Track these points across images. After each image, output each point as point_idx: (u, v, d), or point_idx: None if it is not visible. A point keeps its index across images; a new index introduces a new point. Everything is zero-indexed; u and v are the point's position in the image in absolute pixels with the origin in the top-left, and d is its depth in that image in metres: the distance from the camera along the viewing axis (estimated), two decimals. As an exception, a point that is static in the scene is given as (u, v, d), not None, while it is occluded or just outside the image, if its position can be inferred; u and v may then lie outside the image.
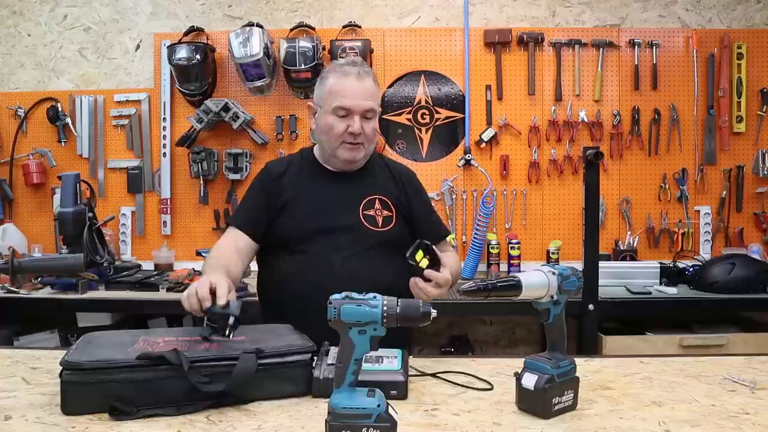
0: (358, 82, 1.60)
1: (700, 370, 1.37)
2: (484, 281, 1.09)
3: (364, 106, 1.60)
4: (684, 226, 3.14)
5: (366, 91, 1.61)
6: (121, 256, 3.19)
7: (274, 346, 1.22)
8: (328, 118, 1.62)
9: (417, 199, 1.75)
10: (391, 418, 0.98)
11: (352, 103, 1.59)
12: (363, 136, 1.61)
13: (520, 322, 3.19)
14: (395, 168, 1.78)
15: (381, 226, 1.64)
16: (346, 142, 1.61)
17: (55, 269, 1.73)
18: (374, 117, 1.64)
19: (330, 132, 1.62)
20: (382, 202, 1.67)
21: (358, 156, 1.65)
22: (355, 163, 1.67)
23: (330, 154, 1.66)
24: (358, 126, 1.59)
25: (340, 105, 1.59)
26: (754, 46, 3.10)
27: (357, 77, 1.60)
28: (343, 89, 1.60)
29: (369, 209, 1.65)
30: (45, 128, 3.19)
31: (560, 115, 3.13)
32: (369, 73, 1.64)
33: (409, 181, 1.76)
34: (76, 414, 1.09)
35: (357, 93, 1.60)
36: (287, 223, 1.64)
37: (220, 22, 3.20)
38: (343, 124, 1.60)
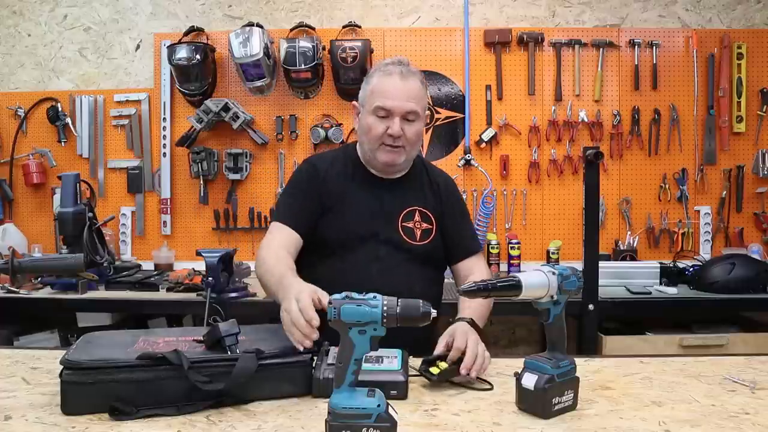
0: (401, 82, 1.54)
1: (700, 370, 1.37)
2: (484, 281, 1.09)
3: (406, 107, 1.53)
4: (684, 226, 3.14)
5: (409, 91, 1.54)
6: (121, 256, 3.19)
7: (274, 346, 1.22)
8: (368, 119, 1.57)
9: (451, 210, 1.69)
10: (391, 418, 0.98)
11: (392, 104, 1.53)
12: (403, 138, 1.55)
13: (520, 322, 3.19)
14: (435, 176, 1.72)
15: (419, 240, 1.61)
16: (386, 144, 1.55)
17: (55, 269, 1.73)
18: (417, 120, 1.56)
19: (369, 133, 1.56)
20: (422, 214, 1.64)
21: (398, 160, 1.58)
22: (395, 166, 1.61)
23: (370, 156, 1.61)
24: (397, 128, 1.53)
25: (381, 105, 1.54)
26: (754, 46, 3.10)
27: (400, 77, 1.55)
28: (385, 89, 1.54)
29: (408, 221, 1.62)
30: (45, 128, 3.19)
31: (560, 115, 3.13)
32: (415, 73, 1.58)
33: (447, 192, 1.71)
34: (76, 414, 1.09)
35: (398, 93, 1.54)
36: (331, 227, 1.59)
37: (220, 22, 3.20)
38: (382, 125, 1.54)
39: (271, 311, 2.46)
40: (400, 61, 1.59)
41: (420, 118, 1.57)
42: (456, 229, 1.69)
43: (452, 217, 1.69)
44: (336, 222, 1.60)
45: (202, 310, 2.26)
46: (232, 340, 1.19)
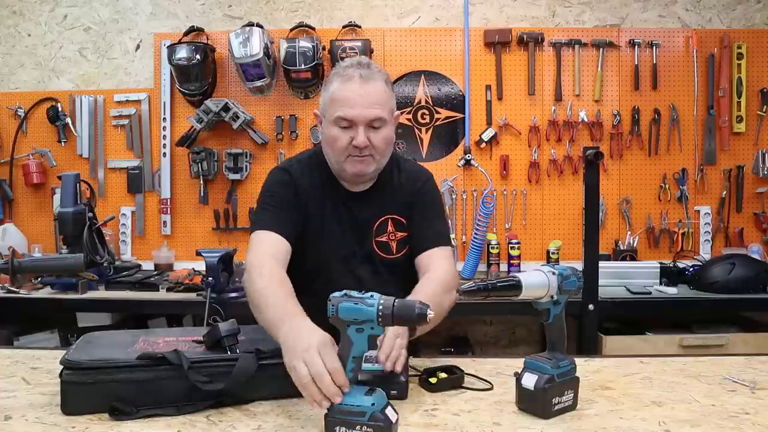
0: (362, 87, 1.41)
1: (700, 370, 1.37)
2: (484, 281, 1.09)
3: (369, 115, 1.41)
4: (684, 226, 3.14)
5: (370, 96, 1.41)
6: (121, 256, 3.19)
7: (274, 347, 1.21)
8: (331, 130, 1.44)
9: (419, 209, 1.57)
10: (386, 418, 0.98)
11: (354, 113, 1.40)
12: (370, 148, 1.43)
13: (520, 322, 3.19)
14: (405, 178, 1.59)
15: (396, 252, 1.55)
16: (352, 155, 1.44)
17: (55, 269, 1.73)
18: (384, 125, 1.44)
19: (334, 145, 1.45)
20: (395, 223, 1.55)
21: (367, 170, 1.47)
22: (365, 176, 1.50)
23: (338, 168, 1.50)
24: (362, 138, 1.41)
25: (342, 115, 1.41)
26: (754, 46, 3.10)
27: (360, 81, 1.41)
28: (345, 97, 1.41)
29: (382, 234, 1.54)
30: (45, 128, 3.19)
31: (560, 115, 3.13)
32: (376, 74, 1.44)
33: (414, 191, 1.58)
34: (76, 414, 1.09)
35: (360, 100, 1.40)
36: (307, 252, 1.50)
37: (220, 22, 3.20)
38: (346, 136, 1.42)
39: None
40: (359, 63, 1.46)
41: (387, 123, 1.45)
42: (419, 225, 1.55)
43: (417, 213, 1.56)
44: (311, 247, 1.51)
45: (202, 310, 2.27)
46: (231, 340, 1.19)
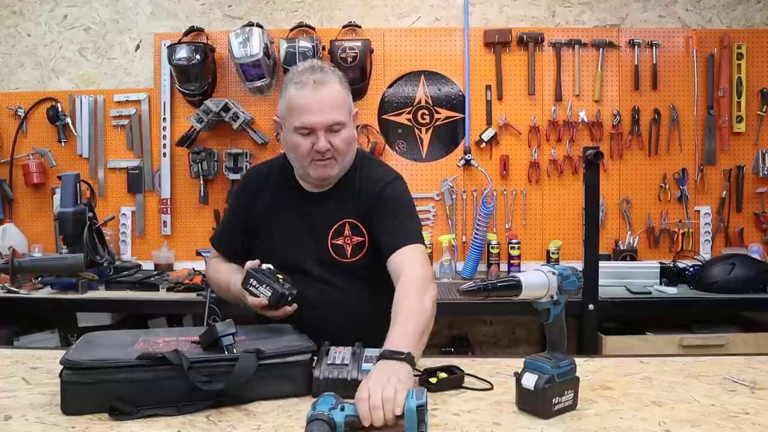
0: (316, 93, 1.41)
1: (700, 370, 1.37)
2: (484, 281, 1.09)
3: (326, 120, 1.42)
4: (684, 226, 3.14)
5: (324, 102, 1.42)
6: (121, 256, 3.19)
7: (274, 346, 1.22)
8: (292, 137, 1.46)
9: (380, 211, 1.50)
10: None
11: (312, 120, 1.42)
12: (332, 150, 1.45)
13: (520, 322, 3.19)
14: (366, 180, 1.55)
15: (350, 257, 1.52)
16: (315, 159, 1.46)
17: (55, 269, 1.72)
18: (344, 128, 1.45)
19: (296, 151, 1.46)
20: (352, 227, 1.52)
21: (332, 173, 1.49)
22: (329, 179, 1.52)
23: (302, 173, 1.53)
24: (323, 143, 1.42)
25: (300, 124, 1.43)
26: (754, 46, 3.10)
27: (313, 87, 1.42)
28: (301, 105, 1.42)
29: (338, 237, 1.52)
30: (45, 128, 3.19)
31: (560, 115, 3.13)
32: (330, 77, 1.45)
33: (374, 194, 1.52)
34: (76, 414, 1.09)
35: (315, 107, 1.41)
36: (262, 253, 1.51)
37: (220, 22, 3.20)
38: (307, 142, 1.44)
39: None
40: (312, 67, 1.46)
41: (346, 124, 1.46)
42: (382, 227, 1.49)
43: (380, 217, 1.50)
44: (265, 249, 1.54)
45: (202, 310, 2.26)
46: (229, 340, 1.19)
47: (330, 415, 0.99)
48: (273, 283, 1.35)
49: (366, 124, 3.16)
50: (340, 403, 1.02)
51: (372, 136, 3.17)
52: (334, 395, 1.04)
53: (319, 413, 0.99)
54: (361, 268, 1.52)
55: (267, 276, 1.37)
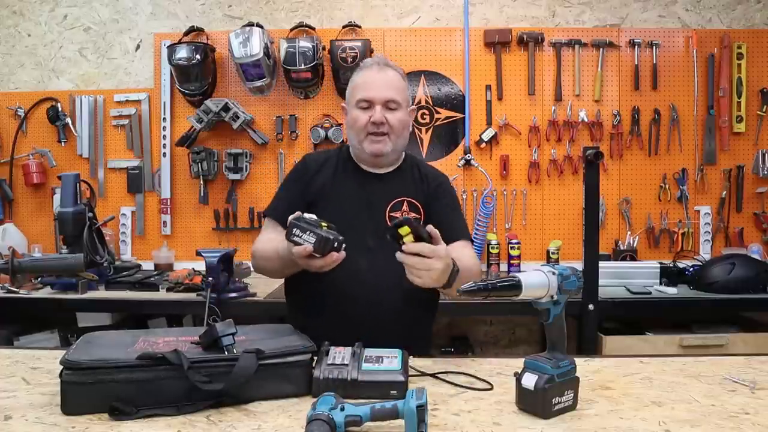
0: (379, 73, 1.61)
1: (700, 370, 1.37)
2: (484, 281, 1.09)
3: (385, 95, 1.59)
4: (684, 226, 3.14)
5: (387, 81, 1.60)
6: (121, 256, 3.19)
7: (274, 347, 1.22)
8: (353, 112, 1.62)
9: (440, 200, 1.69)
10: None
11: (372, 94, 1.59)
12: (387, 126, 1.59)
13: (520, 322, 3.19)
14: (426, 170, 1.74)
15: None
16: (370, 133, 1.59)
17: (55, 269, 1.73)
18: (399, 108, 1.61)
19: (354, 125, 1.61)
20: (410, 204, 1.63)
21: (385, 149, 1.60)
22: (383, 156, 1.62)
23: (358, 149, 1.64)
24: (379, 115, 1.57)
25: (362, 97, 1.59)
26: (754, 46, 3.10)
27: (378, 68, 1.62)
28: (364, 82, 1.61)
29: (396, 211, 1.62)
30: (45, 128, 3.19)
31: (560, 115, 3.13)
32: (393, 67, 1.64)
33: (436, 183, 1.71)
34: (76, 414, 1.09)
35: (377, 83, 1.60)
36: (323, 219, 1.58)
37: (220, 22, 3.20)
38: (365, 116, 1.59)
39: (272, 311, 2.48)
40: (378, 59, 1.66)
41: (401, 107, 1.61)
42: (443, 216, 1.65)
43: (441, 206, 1.68)
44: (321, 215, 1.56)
45: (202, 310, 2.27)
46: (229, 340, 1.19)
47: (330, 415, 0.99)
48: (316, 230, 1.31)
49: (366, 124, 3.15)
50: (340, 403, 1.02)
51: (372, 136, 3.16)
52: (334, 395, 1.04)
53: (319, 413, 0.99)
54: None
55: (310, 224, 1.33)
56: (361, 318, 1.50)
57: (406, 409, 0.98)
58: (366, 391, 1.17)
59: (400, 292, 1.51)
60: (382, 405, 1.02)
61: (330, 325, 1.41)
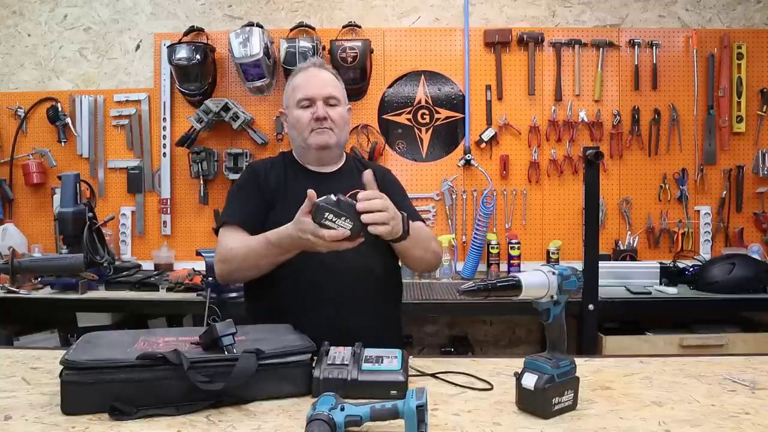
0: (316, 72, 1.67)
1: (700, 370, 1.37)
2: (484, 281, 1.09)
3: (325, 92, 1.64)
4: (684, 226, 3.14)
5: (324, 79, 1.67)
6: (121, 256, 3.19)
7: (274, 347, 1.22)
8: (295, 113, 1.66)
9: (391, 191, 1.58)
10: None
11: (312, 92, 1.64)
12: (329, 121, 1.63)
13: (520, 322, 3.19)
14: (368, 165, 1.75)
15: None
16: (314, 128, 1.63)
17: (55, 269, 1.73)
18: (339, 105, 1.66)
19: (298, 124, 1.65)
20: None
21: (330, 141, 1.64)
22: (328, 149, 1.66)
23: (303, 147, 1.67)
24: (322, 110, 1.62)
25: (303, 96, 1.64)
26: (754, 46, 3.10)
27: (314, 68, 1.68)
28: (302, 82, 1.66)
29: None
30: (45, 128, 3.19)
31: (560, 115, 3.13)
32: (327, 68, 1.71)
33: (382, 175, 1.72)
34: (76, 414, 1.09)
35: (315, 82, 1.65)
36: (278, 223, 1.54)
37: (220, 22, 3.20)
38: (307, 113, 1.63)
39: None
40: (313, 60, 1.73)
41: (340, 102, 1.67)
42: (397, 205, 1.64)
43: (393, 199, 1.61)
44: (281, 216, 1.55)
45: (202, 310, 2.27)
46: (229, 340, 1.19)
47: (330, 415, 0.99)
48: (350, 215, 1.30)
49: (366, 124, 3.16)
50: (340, 403, 1.02)
51: (372, 136, 3.17)
52: (334, 395, 1.04)
53: (319, 413, 0.99)
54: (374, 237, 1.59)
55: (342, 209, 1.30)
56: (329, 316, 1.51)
57: (406, 409, 0.98)
58: (366, 391, 1.17)
59: (369, 285, 1.58)
60: (382, 405, 1.02)
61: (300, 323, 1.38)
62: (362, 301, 1.56)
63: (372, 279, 1.60)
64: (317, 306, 1.53)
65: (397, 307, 1.74)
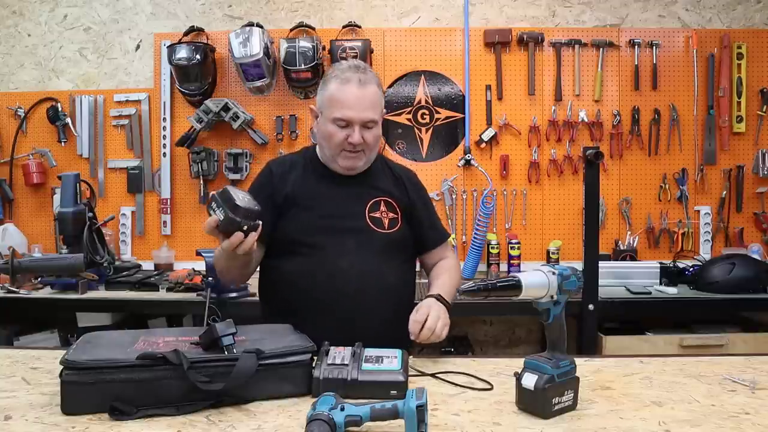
0: (359, 91, 1.54)
1: (700, 370, 1.37)
2: (484, 281, 1.09)
3: (365, 117, 1.55)
4: (684, 226, 3.14)
5: (367, 100, 1.55)
6: (121, 256, 3.19)
7: (274, 347, 1.22)
8: (328, 127, 1.56)
9: (419, 200, 1.72)
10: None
11: (351, 114, 1.53)
12: (363, 144, 1.57)
13: (520, 322, 3.19)
14: (397, 170, 1.75)
15: (387, 228, 1.61)
16: (346, 150, 1.57)
17: (55, 269, 1.73)
18: (376, 126, 1.59)
19: (330, 140, 1.57)
20: (387, 204, 1.64)
21: (358, 164, 1.61)
22: (355, 169, 1.62)
23: (331, 160, 1.62)
24: (358, 137, 1.54)
25: (340, 116, 1.54)
26: (754, 46, 3.10)
27: (358, 85, 1.54)
28: (343, 99, 1.54)
29: (375, 211, 1.62)
30: (45, 128, 3.19)
31: (560, 115, 3.13)
32: (372, 79, 1.58)
33: (410, 182, 1.73)
34: (76, 414, 1.09)
35: (357, 103, 1.54)
36: (293, 224, 1.58)
37: (220, 22, 3.20)
38: (342, 134, 1.55)
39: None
40: (357, 67, 1.59)
41: (378, 123, 1.60)
42: (427, 217, 1.73)
43: (420, 208, 1.71)
44: (298, 219, 1.59)
45: (202, 310, 2.27)
46: (229, 340, 1.19)
47: (330, 415, 0.99)
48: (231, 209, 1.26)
49: (366, 124, 3.15)
50: (340, 403, 1.02)
51: (372, 136, 3.16)
52: (334, 395, 1.04)
53: (319, 413, 0.99)
54: (395, 241, 1.63)
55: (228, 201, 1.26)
56: (344, 319, 1.50)
57: (406, 409, 0.98)
58: (366, 391, 1.17)
59: (382, 292, 1.56)
60: (382, 405, 1.02)
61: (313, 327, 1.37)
62: (373, 306, 1.54)
63: (383, 285, 1.57)
64: (327, 308, 1.52)
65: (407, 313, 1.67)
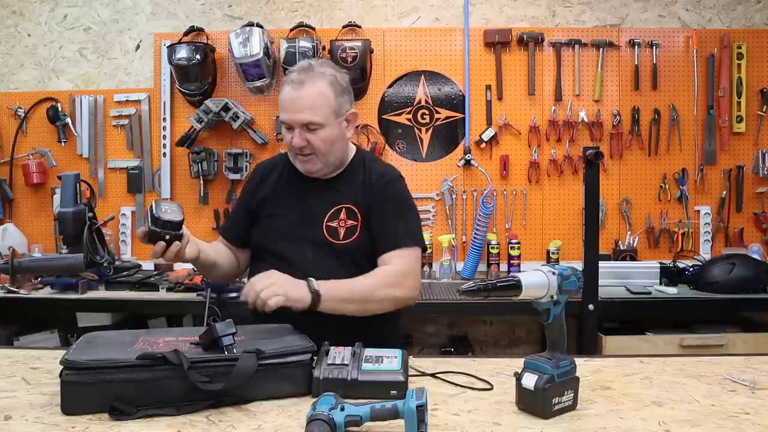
0: (295, 92, 1.49)
1: (700, 370, 1.37)
2: (484, 281, 1.09)
3: (300, 119, 1.49)
4: (684, 226, 3.13)
5: (302, 101, 1.49)
6: (121, 256, 3.19)
7: (274, 347, 1.22)
8: (283, 131, 1.58)
9: (378, 205, 1.58)
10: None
11: (286, 117, 1.51)
12: (311, 147, 1.52)
13: (520, 322, 3.19)
14: (374, 173, 1.63)
15: (342, 239, 1.56)
16: (297, 153, 1.55)
17: (55, 269, 1.73)
18: (321, 128, 1.50)
19: (287, 145, 1.58)
20: (348, 212, 1.58)
21: (313, 168, 1.56)
22: (313, 173, 1.59)
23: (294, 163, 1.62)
24: (297, 140, 1.50)
25: (282, 119, 1.53)
26: (754, 46, 3.10)
27: (294, 86, 1.49)
28: (281, 101, 1.53)
29: (333, 220, 1.58)
30: (45, 128, 3.19)
31: (560, 115, 3.13)
32: (313, 78, 1.50)
33: (377, 187, 1.60)
34: (76, 414, 1.09)
35: (291, 106, 1.50)
36: (261, 231, 1.64)
37: (220, 22, 3.20)
38: (289, 137, 1.54)
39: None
40: (301, 68, 1.53)
41: (324, 125, 1.51)
42: (380, 224, 1.57)
43: (380, 213, 1.58)
44: (263, 227, 1.64)
45: (202, 310, 2.27)
46: (229, 340, 1.19)
47: (330, 415, 0.99)
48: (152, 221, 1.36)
49: (366, 124, 3.16)
50: (340, 403, 1.02)
51: (372, 136, 3.17)
52: (334, 395, 1.04)
53: (319, 413, 0.99)
54: (351, 251, 1.58)
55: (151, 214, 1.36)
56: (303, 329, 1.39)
57: (406, 409, 0.98)
58: (366, 391, 1.17)
59: None
60: (382, 405, 1.02)
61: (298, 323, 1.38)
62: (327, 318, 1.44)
63: None
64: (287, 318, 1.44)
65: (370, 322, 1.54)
